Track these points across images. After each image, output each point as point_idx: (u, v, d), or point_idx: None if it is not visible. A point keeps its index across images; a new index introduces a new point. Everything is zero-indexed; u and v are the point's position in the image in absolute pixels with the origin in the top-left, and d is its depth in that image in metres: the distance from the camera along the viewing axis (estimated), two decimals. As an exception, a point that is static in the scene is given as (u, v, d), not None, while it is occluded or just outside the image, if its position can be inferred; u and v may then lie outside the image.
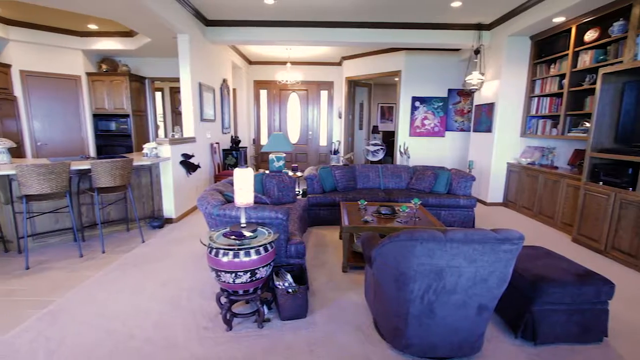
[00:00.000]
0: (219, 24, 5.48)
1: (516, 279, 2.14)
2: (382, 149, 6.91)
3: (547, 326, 2.04)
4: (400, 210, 3.50)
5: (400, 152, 6.89)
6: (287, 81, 7.55)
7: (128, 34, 6.08)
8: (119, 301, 2.52)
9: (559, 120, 4.65)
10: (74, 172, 3.53)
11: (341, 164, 7.21)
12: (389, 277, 1.84)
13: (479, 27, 5.51)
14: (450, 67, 6.95)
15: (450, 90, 7.05)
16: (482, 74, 5.59)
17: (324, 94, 9.07)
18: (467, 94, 6.96)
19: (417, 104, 7.09)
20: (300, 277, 2.55)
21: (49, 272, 2.98)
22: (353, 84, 8.49)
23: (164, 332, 2.15)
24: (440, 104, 7.09)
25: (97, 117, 6.73)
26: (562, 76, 4.63)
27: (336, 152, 6.88)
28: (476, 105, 6.12)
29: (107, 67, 6.72)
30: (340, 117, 8.82)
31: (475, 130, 6.15)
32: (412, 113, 7.13)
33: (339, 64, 8.67)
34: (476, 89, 5.64)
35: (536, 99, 5.17)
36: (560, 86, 4.66)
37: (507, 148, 5.50)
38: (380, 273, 1.93)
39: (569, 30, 4.43)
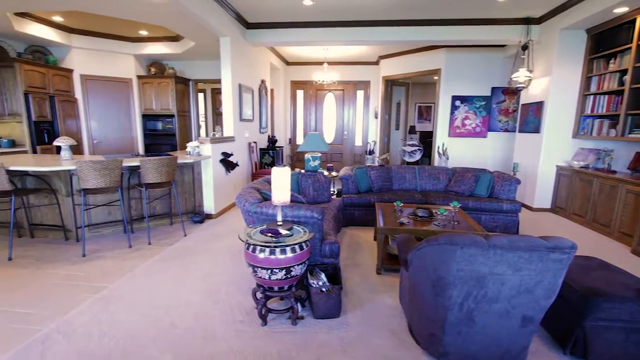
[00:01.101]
0: (258, 26, 5.63)
1: (566, 291, 2.00)
2: (419, 149, 6.73)
3: (601, 344, 1.88)
4: (438, 213, 3.39)
5: (439, 153, 6.67)
6: (323, 81, 7.59)
7: (174, 38, 6.43)
8: (162, 291, 2.67)
9: (619, 120, 4.26)
10: (125, 168, 3.80)
11: (377, 164, 7.12)
12: (425, 282, 1.79)
13: (527, 21, 5.19)
14: (495, 64, 6.62)
15: (494, 89, 6.71)
16: (530, 71, 5.26)
17: (360, 93, 9.01)
18: (512, 92, 6.58)
19: (458, 103, 6.82)
20: (334, 276, 2.55)
21: (102, 260, 3.23)
22: (390, 84, 8.35)
23: (203, 323, 2.25)
24: (483, 103, 6.77)
25: (146, 117, 7.19)
26: (624, 72, 4.23)
27: (371, 152, 6.81)
28: (523, 104, 5.77)
29: (155, 70, 7.15)
30: (376, 117, 8.71)
31: (521, 131, 5.81)
32: (452, 113, 6.88)
33: (376, 63, 8.57)
34: (523, 87, 5.32)
35: (592, 97, 4.77)
36: (621, 83, 4.26)
37: (557, 150, 5.13)
38: (417, 277, 1.88)
39: (633, 22, 4.04)
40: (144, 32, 6.20)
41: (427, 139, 9.36)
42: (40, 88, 5.59)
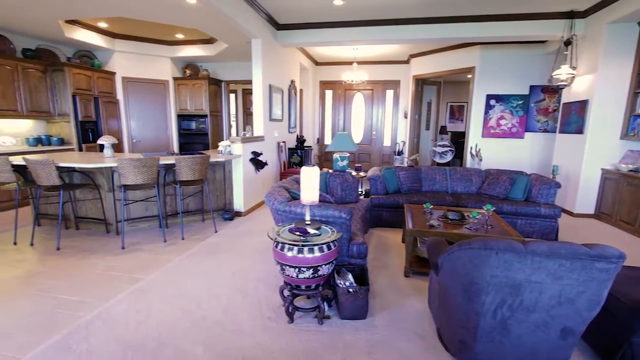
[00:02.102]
0: (289, 27, 5.69)
1: (613, 304, 1.86)
2: (450, 150, 6.54)
3: (651, 362, 1.74)
4: (470, 216, 3.27)
5: (471, 154, 6.44)
6: (352, 81, 7.55)
7: (208, 41, 6.65)
8: (195, 285, 2.77)
9: (675, 120, 3.91)
10: (162, 166, 3.97)
11: (406, 165, 6.99)
12: (457, 287, 1.74)
13: (570, 15, 4.89)
14: (533, 61, 6.29)
15: (532, 87, 6.38)
16: (573, 68, 4.95)
17: (389, 93, 8.88)
18: (553, 90, 6.23)
19: (493, 102, 6.55)
20: (361, 277, 2.53)
21: (139, 253, 3.41)
22: (421, 83, 8.16)
23: (232, 318, 2.31)
24: (520, 102, 6.46)
25: (180, 117, 7.49)
26: (682, 68, 3.88)
27: (400, 152, 6.70)
28: (564, 104, 5.45)
29: (190, 71, 7.44)
30: (405, 117, 8.55)
31: (562, 131, 5.48)
32: (486, 112, 6.61)
33: (407, 62, 8.41)
34: (565, 85, 5.02)
35: (644, 95, 4.42)
36: (679, 80, 3.92)
37: (603, 152, 4.80)
38: (447, 281, 1.83)
39: (694, 13, 3.70)
40: (180, 36, 6.46)
41: (458, 139, 9.07)
42: (86, 90, 5.98)
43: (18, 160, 3.55)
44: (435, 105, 8.85)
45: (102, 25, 5.81)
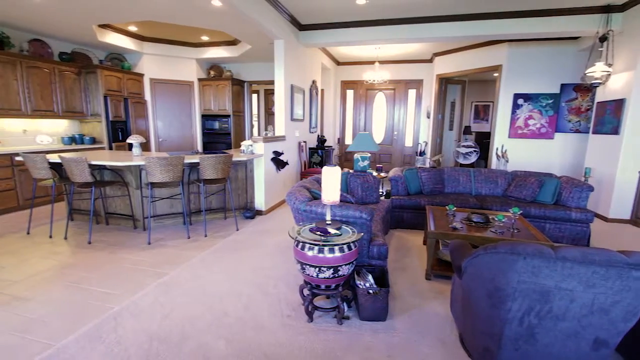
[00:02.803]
0: (311, 27, 5.71)
1: (650, 314, 1.76)
2: (475, 151, 6.36)
3: (694, 379, 1.63)
4: (496, 219, 3.17)
5: (497, 156, 6.25)
6: (374, 81, 7.49)
7: (232, 42, 6.77)
8: (217, 281, 2.83)
9: None
10: (186, 165, 4.09)
11: (428, 165, 6.87)
12: (481, 292, 1.69)
13: (607, 9, 4.64)
14: (565, 58, 6.02)
15: (563, 86, 6.11)
16: (609, 65, 4.70)
17: (411, 92, 8.75)
18: (586, 89, 5.94)
19: (520, 101, 6.32)
20: (381, 279, 2.51)
21: (164, 248, 3.52)
22: (444, 82, 7.99)
23: (252, 314, 2.35)
24: (550, 101, 6.20)
25: (204, 117, 7.68)
26: None
27: (422, 153, 6.58)
28: (598, 103, 5.18)
29: (214, 73, 7.60)
30: (428, 117, 8.39)
31: (595, 132, 5.22)
32: (514, 112, 6.39)
33: (430, 60, 8.25)
34: (600, 83, 4.77)
35: (688, 93, 4.13)
36: None
37: (641, 154, 4.53)
38: (471, 286, 1.78)
39: None
40: (205, 38, 6.62)
41: (483, 140, 8.82)
42: (117, 91, 6.23)
43: (54, 158, 3.75)
44: (459, 105, 8.64)
45: (132, 28, 6.04)
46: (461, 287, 1.96)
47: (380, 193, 4.80)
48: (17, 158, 3.97)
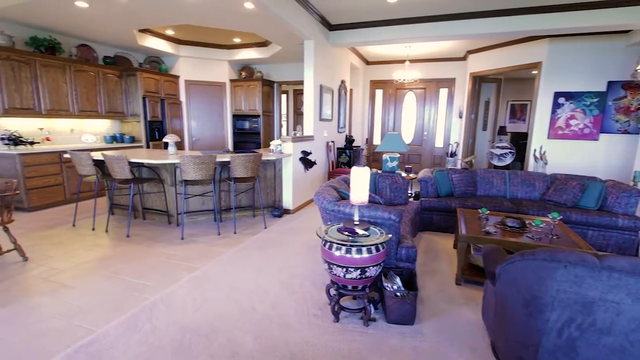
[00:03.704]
0: (341, 27, 5.70)
1: None
2: (510, 152, 6.08)
3: None
4: (533, 224, 3.02)
5: (535, 157, 5.94)
6: (404, 80, 7.36)
7: (263, 44, 6.90)
8: (245, 277, 2.90)
9: None
10: (218, 163, 4.21)
11: (459, 167, 6.66)
12: (516, 300, 1.61)
13: (663, 0, 4.28)
14: (613, 54, 5.61)
15: (611, 83, 5.69)
16: (665, 61, 4.33)
17: (443, 92, 8.50)
18: (637, 86, 5.51)
19: (562, 100, 5.97)
20: (410, 282, 2.46)
21: (195, 244, 3.65)
22: (478, 80, 7.70)
23: (279, 312, 2.38)
24: (595, 100, 5.80)
25: (235, 117, 7.89)
26: None
27: (453, 154, 6.38)
28: (651, 101, 4.79)
29: (245, 74, 7.79)
30: (460, 117, 8.12)
31: (647, 133, 4.82)
32: (554, 111, 6.04)
33: (463, 58, 7.98)
34: (653, 81, 4.41)
35: None
36: None
37: (701, 157, 4.14)
38: (505, 293, 1.70)
39: None
40: (237, 40, 6.79)
41: (520, 140, 8.41)
42: (154, 92, 6.54)
43: (97, 155, 3.99)
44: (494, 104, 8.29)
45: (169, 32, 6.32)
46: (494, 293, 1.88)
47: (409, 194, 4.71)
48: (65, 155, 4.28)
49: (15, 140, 4.69)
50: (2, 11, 4.33)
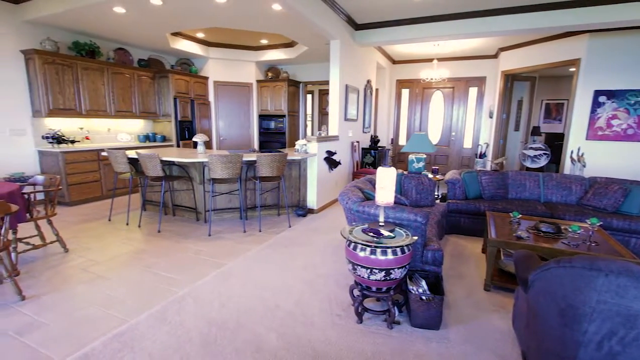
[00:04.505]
0: (367, 27, 5.65)
1: None
2: (544, 154, 5.80)
3: None
4: (569, 230, 2.87)
5: (572, 159, 5.63)
6: (432, 79, 7.20)
7: (289, 44, 6.97)
8: (269, 274, 2.94)
9: None
10: (244, 162, 4.29)
11: (489, 168, 6.43)
12: (551, 308, 1.54)
13: None
14: (663, 49, 5.21)
15: (659, 81, 5.30)
16: None
17: (472, 91, 8.24)
18: (689, 84, 5.09)
19: (602, 99, 5.62)
20: (435, 285, 2.40)
21: (222, 240, 3.74)
22: (511, 79, 7.40)
23: (303, 310, 2.40)
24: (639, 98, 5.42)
25: (261, 117, 8.02)
26: None
27: (483, 155, 6.17)
28: None
29: (271, 74, 7.90)
30: (490, 117, 7.84)
31: (700, 134, 4.45)
32: (593, 111, 5.70)
33: (494, 56, 7.70)
34: None
35: None
36: None
37: None
38: (539, 301, 1.63)
39: None
40: (264, 41, 6.90)
41: (555, 141, 8.00)
42: (185, 93, 6.76)
43: (132, 154, 4.18)
44: (527, 104, 7.94)
45: (200, 35, 6.51)
46: (526, 301, 1.80)
47: (436, 196, 4.61)
48: (103, 153, 4.51)
49: (58, 139, 5.00)
50: (49, 18, 4.63)
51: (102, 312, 2.33)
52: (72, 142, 5.23)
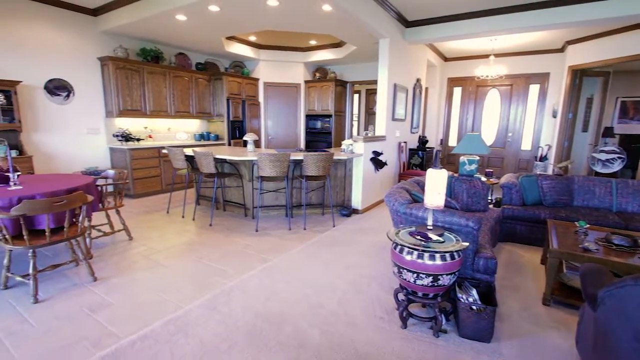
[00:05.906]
0: (418, 23, 5.48)
1: None
2: (619, 157, 5.20)
3: None
4: (648, 244, 2.54)
5: (653, 165, 4.97)
6: (487, 76, 6.78)
7: (338, 44, 6.99)
8: (313, 272, 2.98)
9: None
10: (291, 161, 4.39)
11: (551, 173, 5.92)
12: (625, 331, 1.38)
13: None
14: None
15: None
16: None
17: (533, 88, 7.63)
18: None
19: (695, 96, 4.89)
20: (487, 295, 2.27)
21: (268, 237, 3.86)
22: (579, 74, 6.72)
23: (346, 310, 2.40)
24: None
25: (308, 117, 8.14)
26: None
27: (544, 158, 5.69)
28: None
29: (319, 75, 7.99)
30: (554, 116, 7.20)
31: None
32: (683, 110, 4.98)
33: (560, 50, 7.05)
34: None
35: None
36: None
37: None
38: (610, 322, 1.46)
39: None
40: (313, 42, 7.00)
41: (631, 144, 7.14)
42: (237, 95, 7.09)
43: (188, 151, 4.48)
44: (598, 102, 7.16)
45: (252, 38, 6.78)
46: (594, 320, 1.63)
47: (489, 201, 4.34)
48: (163, 151, 4.89)
49: (126, 137, 5.51)
50: (121, 28, 5.11)
51: (160, 297, 2.53)
52: (138, 140, 5.73)
